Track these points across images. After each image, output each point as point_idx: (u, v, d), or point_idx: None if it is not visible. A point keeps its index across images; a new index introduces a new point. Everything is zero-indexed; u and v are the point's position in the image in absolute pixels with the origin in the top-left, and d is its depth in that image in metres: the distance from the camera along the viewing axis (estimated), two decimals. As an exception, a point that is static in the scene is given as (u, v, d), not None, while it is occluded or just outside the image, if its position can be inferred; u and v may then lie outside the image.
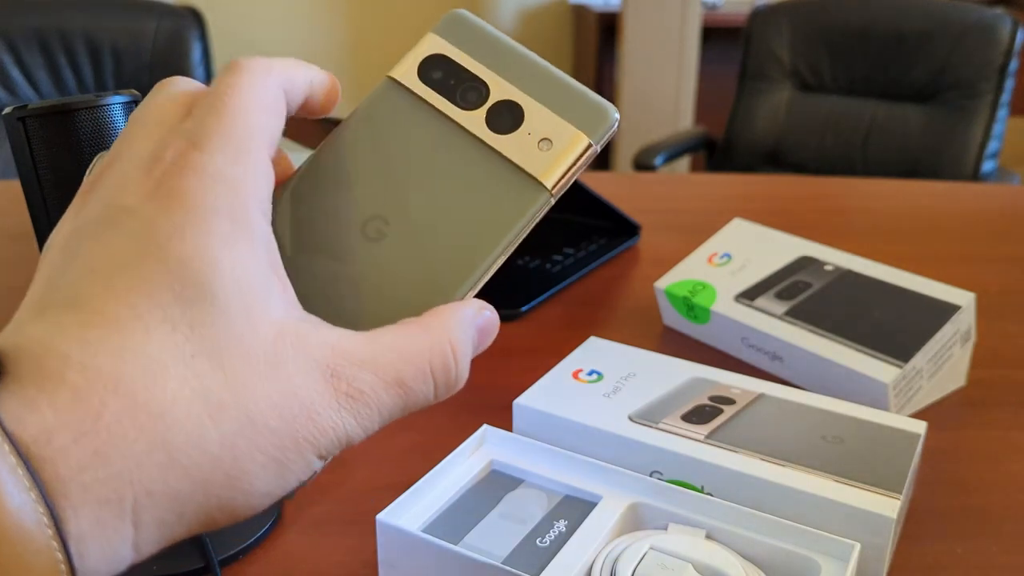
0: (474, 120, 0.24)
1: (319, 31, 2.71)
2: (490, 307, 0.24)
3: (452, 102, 0.25)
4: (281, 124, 0.22)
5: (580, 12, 2.77)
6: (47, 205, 0.34)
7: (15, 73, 1.53)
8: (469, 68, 0.25)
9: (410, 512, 0.34)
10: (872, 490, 0.35)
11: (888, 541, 0.34)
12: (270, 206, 0.21)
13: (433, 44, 0.25)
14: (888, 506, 0.34)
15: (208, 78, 1.64)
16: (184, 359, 0.18)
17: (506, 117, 0.24)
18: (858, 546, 0.32)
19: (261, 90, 0.22)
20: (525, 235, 0.24)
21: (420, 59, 0.25)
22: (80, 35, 1.55)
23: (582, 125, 0.24)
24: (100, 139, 0.33)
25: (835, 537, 0.32)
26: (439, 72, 0.25)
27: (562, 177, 0.24)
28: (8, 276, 0.72)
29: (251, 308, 0.19)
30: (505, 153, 0.24)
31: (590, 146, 0.24)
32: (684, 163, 2.59)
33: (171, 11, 1.60)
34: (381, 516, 0.33)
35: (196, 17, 1.61)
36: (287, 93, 0.23)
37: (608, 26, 2.58)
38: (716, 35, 2.60)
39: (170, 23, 1.58)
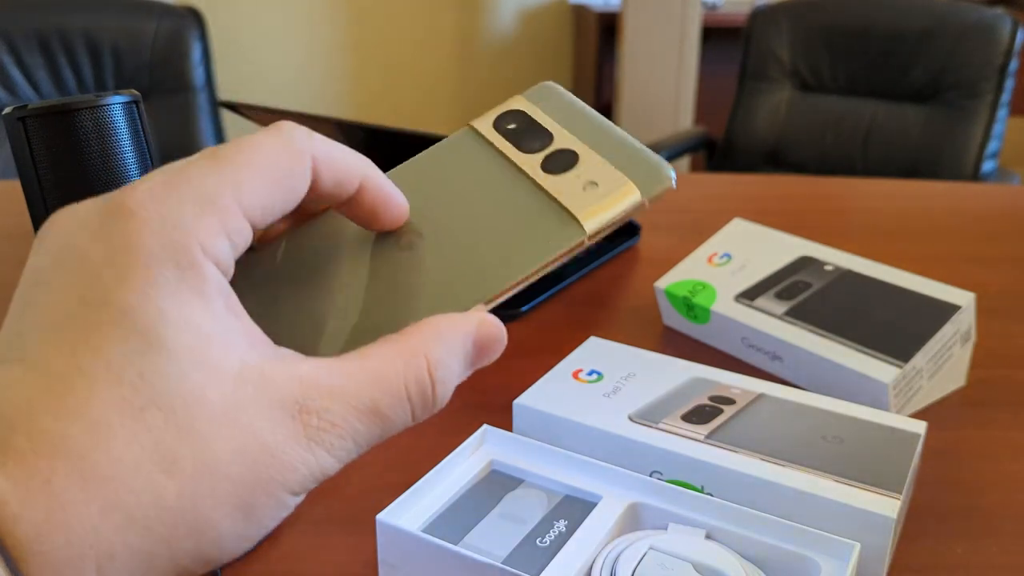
0: (531, 162, 0.25)
1: (319, 31, 2.71)
2: (492, 319, 0.23)
3: (516, 147, 0.26)
4: (289, 198, 0.21)
5: (580, 12, 2.77)
6: (47, 205, 0.34)
7: (15, 73, 1.53)
8: (540, 121, 0.26)
9: (410, 512, 0.34)
10: (872, 490, 0.35)
11: (888, 541, 0.34)
12: (227, 253, 0.20)
13: (515, 102, 0.27)
14: (888, 506, 0.34)
15: (208, 78, 1.64)
16: (133, 413, 0.18)
17: (561, 161, 0.25)
18: (858, 546, 0.32)
19: (279, 158, 0.21)
20: (550, 268, 0.24)
21: (499, 112, 0.27)
22: (80, 35, 1.55)
23: (634, 176, 0.24)
24: (100, 139, 0.33)
25: (835, 537, 0.32)
26: (512, 123, 0.26)
27: (601, 219, 0.23)
28: (8, 276, 0.72)
29: (204, 354, 0.18)
30: (549, 190, 0.24)
31: (637, 197, 0.24)
32: (684, 163, 2.59)
33: (171, 11, 1.60)
34: (381, 516, 0.33)
35: (196, 17, 1.62)
36: (322, 170, 0.22)
37: (608, 26, 2.57)
38: (716, 35, 2.60)
39: (170, 23, 1.58)
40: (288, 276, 0.24)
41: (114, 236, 0.19)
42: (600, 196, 0.24)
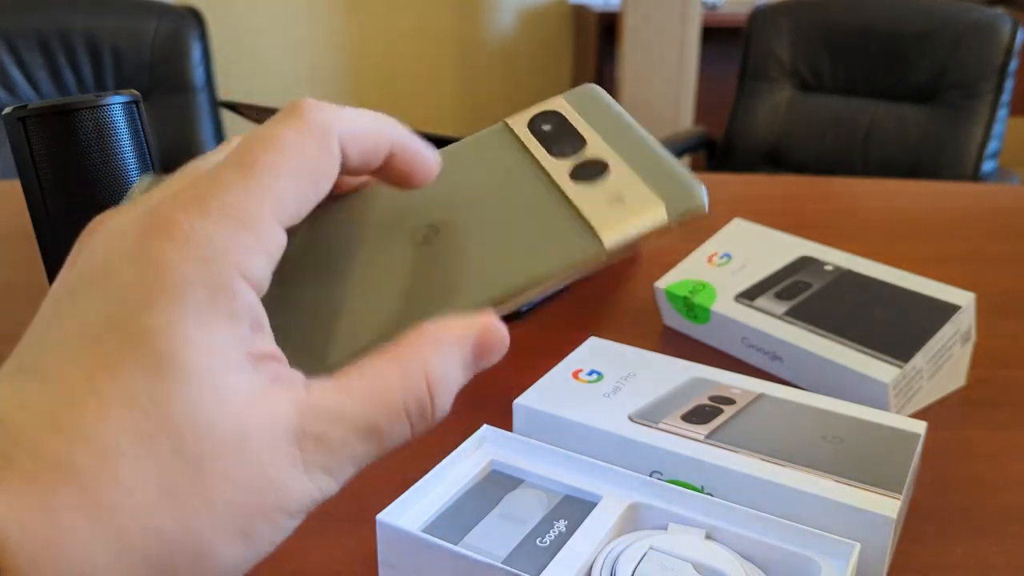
0: (559, 167, 0.24)
1: (319, 31, 2.71)
2: (493, 320, 0.22)
3: (547, 150, 0.25)
4: (323, 189, 0.21)
5: (580, 12, 2.77)
6: (47, 205, 0.34)
7: (15, 73, 1.53)
8: (575, 126, 0.25)
9: (410, 512, 0.34)
10: (872, 490, 0.35)
11: (888, 541, 0.34)
12: (265, 269, 0.20)
13: (554, 103, 0.26)
14: (888, 506, 0.34)
15: (208, 78, 1.63)
16: (142, 440, 0.17)
17: (590, 171, 0.24)
18: (858, 546, 0.32)
19: (307, 152, 0.20)
20: (564, 282, 0.23)
21: (536, 112, 0.26)
22: (80, 35, 1.55)
23: (663, 196, 0.23)
24: (100, 139, 0.33)
25: (835, 537, 0.32)
26: (548, 125, 0.26)
27: (622, 235, 0.23)
28: (8, 276, 0.72)
29: (220, 381, 0.18)
30: (573, 199, 0.24)
31: (663, 218, 0.23)
32: (684, 163, 2.59)
33: (171, 11, 1.60)
34: (381, 516, 0.33)
35: (196, 17, 1.62)
36: (349, 150, 0.21)
37: (608, 26, 2.58)
38: (716, 35, 2.60)
39: (170, 23, 1.58)
40: (302, 267, 0.24)
41: (148, 257, 0.18)
42: (624, 212, 0.23)
